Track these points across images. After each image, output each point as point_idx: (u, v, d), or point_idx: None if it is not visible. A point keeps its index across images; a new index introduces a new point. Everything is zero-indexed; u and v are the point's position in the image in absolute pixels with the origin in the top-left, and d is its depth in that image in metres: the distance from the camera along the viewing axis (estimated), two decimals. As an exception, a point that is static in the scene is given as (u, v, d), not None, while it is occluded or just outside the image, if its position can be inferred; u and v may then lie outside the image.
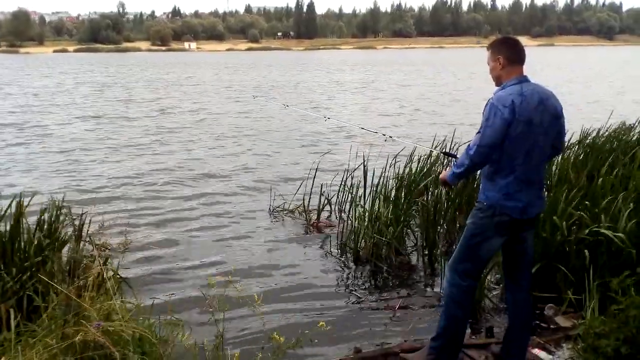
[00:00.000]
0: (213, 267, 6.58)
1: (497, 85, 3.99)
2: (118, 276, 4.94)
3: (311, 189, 8.48)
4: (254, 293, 4.73)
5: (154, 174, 11.56)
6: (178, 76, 45.49)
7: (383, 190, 7.41)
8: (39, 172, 11.77)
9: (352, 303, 5.72)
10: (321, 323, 3.88)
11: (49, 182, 10.79)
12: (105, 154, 13.68)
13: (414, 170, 8.10)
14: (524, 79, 3.90)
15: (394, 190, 7.30)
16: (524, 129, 3.75)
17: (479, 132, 3.85)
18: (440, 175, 4.25)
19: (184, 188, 10.49)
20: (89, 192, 10.08)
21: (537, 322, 5.03)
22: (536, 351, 4.44)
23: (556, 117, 3.90)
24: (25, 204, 5.13)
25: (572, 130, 9.30)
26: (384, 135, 6.57)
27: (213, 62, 73.42)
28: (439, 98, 27.23)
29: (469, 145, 3.91)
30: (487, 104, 3.83)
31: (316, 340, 4.69)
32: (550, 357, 4.39)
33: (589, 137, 9.42)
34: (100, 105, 24.34)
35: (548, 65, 53.75)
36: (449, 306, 4.16)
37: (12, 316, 3.44)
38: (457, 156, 4.43)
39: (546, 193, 6.09)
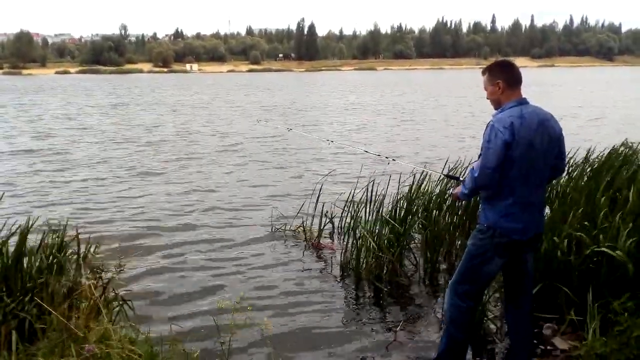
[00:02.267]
0: (213, 290, 6.55)
1: (495, 108, 4.01)
2: (118, 300, 4.93)
3: (314, 209, 8.48)
4: (255, 314, 4.72)
5: (156, 196, 11.59)
6: (178, 98, 45.66)
7: (384, 210, 7.41)
8: (43, 194, 11.77)
9: (353, 324, 5.69)
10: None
11: (52, 203, 10.80)
12: (108, 175, 13.70)
13: (414, 190, 8.10)
14: (524, 101, 3.93)
15: (395, 211, 7.30)
16: (524, 151, 3.77)
17: (479, 155, 3.87)
18: (454, 191, 4.31)
19: (184, 208, 10.49)
20: (91, 214, 10.08)
21: (537, 342, 5.00)
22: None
23: (556, 139, 3.92)
24: (29, 227, 5.13)
25: (576, 149, 9.38)
26: (387, 158, 6.61)
27: (215, 83, 73.71)
28: (451, 118, 27.32)
29: (472, 167, 3.93)
30: (487, 126, 3.86)
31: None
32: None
33: (592, 157, 9.42)
34: (106, 127, 24.44)
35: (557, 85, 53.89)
36: (450, 328, 4.15)
37: (14, 338, 3.43)
38: (460, 179, 4.45)
39: (548, 211, 6.10)
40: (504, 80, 3.95)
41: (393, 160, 6.59)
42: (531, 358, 4.41)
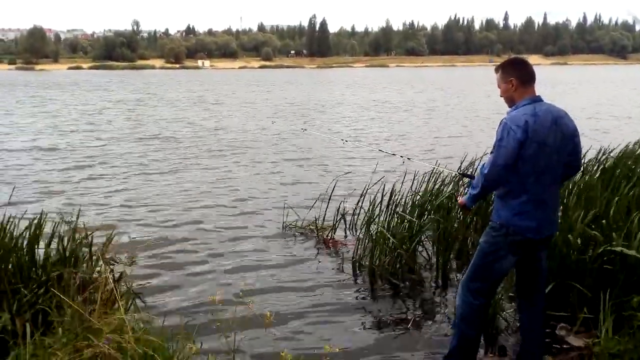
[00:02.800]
0: (225, 283, 6.57)
1: (509, 106, 3.99)
2: (131, 292, 4.95)
3: (327, 206, 8.47)
4: (266, 309, 4.73)
5: (168, 190, 11.64)
6: (197, 94, 45.80)
7: (398, 208, 7.41)
8: (57, 188, 11.85)
9: (365, 320, 5.69)
10: (326, 347, 3.88)
11: (64, 197, 10.87)
12: (121, 170, 13.78)
13: (429, 188, 8.10)
14: (538, 99, 3.90)
15: (409, 208, 7.28)
16: (537, 149, 3.74)
17: (492, 152, 3.85)
18: (459, 200, 4.24)
19: (197, 203, 10.53)
20: (104, 208, 10.14)
21: (549, 340, 4.99)
22: (550, 371, 4.40)
23: (570, 137, 3.89)
24: (42, 220, 5.17)
25: (594, 148, 9.33)
26: (402, 157, 6.60)
27: (228, 79, 73.80)
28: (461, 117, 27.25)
29: (483, 165, 3.92)
30: (500, 124, 3.84)
31: (327, 358, 4.68)
32: (564, 377, 4.34)
33: (609, 155, 9.35)
34: (122, 123, 24.59)
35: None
36: (461, 325, 4.15)
37: (28, 330, 3.46)
38: (475, 176, 4.43)
39: (562, 211, 6.08)
40: (517, 77, 3.93)
41: (408, 159, 6.58)
42: (543, 356, 4.39)
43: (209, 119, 26.28)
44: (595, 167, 8.74)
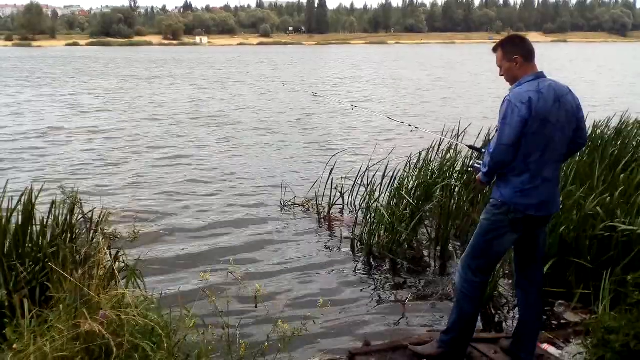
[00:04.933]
0: (223, 260, 6.57)
1: (511, 84, 3.93)
2: (129, 267, 4.95)
3: (326, 183, 8.44)
4: (262, 286, 4.73)
5: (167, 168, 11.62)
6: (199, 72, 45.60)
7: (398, 185, 7.39)
8: (52, 164, 11.84)
9: (363, 296, 5.71)
10: (321, 301, 3.90)
11: (61, 174, 10.85)
12: (121, 147, 13.77)
13: (432, 165, 8.06)
14: (541, 75, 3.85)
15: (410, 185, 7.24)
16: (540, 126, 3.71)
17: (496, 130, 3.82)
18: (477, 177, 4.16)
19: (196, 180, 10.52)
20: (102, 184, 10.13)
21: (546, 317, 5.02)
22: (545, 346, 4.42)
23: (573, 113, 3.85)
24: (36, 195, 5.15)
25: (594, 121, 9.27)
26: (410, 125, 6.47)
27: (231, 58, 73.34)
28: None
29: (489, 144, 3.88)
30: (503, 102, 3.77)
31: (326, 332, 4.71)
32: (559, 352, 4.37)
33: (607, 130, 9.34)
34: (125, 101, 24.52)
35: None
36: (461, 301, 4.15)
37: (26, 305, 3.46)
38: (483, 150, 4.39)
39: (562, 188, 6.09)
40: (520, 55, 3.88)
41: (417, 128, 6.46)
42: (540, 331, 4.41)
43: (212, 99, 26.20)
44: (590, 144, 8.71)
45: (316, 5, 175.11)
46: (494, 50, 4.01)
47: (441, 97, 25.47)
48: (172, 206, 8.90)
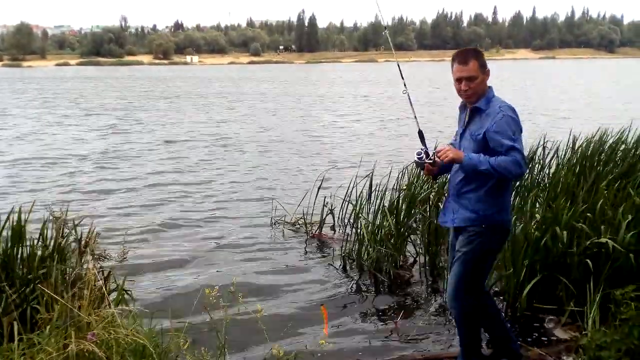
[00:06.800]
0: (214, 279, 6.55)
1: (475, 99, 3.83)
2: (120, 287, 4.93)
3: (314, 201, 8.44)
4: (256, 304, 4.72)
5: (156, 184, 11.64)
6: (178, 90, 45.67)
7: (386, 201, 7.40)
8: (39, 184, 11.80)
9: (353, 315, 5.71)
10: (322, 341, 3.89)
11: (50, 194, 10.81)
12: (108, 164, 13.75)
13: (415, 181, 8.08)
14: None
15: (396, 201, 7.27)
16: None
17: (508, 148, 3.63)
18: (451, 151, 3.75)
19: (185, 197, 10.53)
20: (91, 202, 10.12)
21: (537, 334, 5.03)
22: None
23: None
24: (25, 217, 5.11)
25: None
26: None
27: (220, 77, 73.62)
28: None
29: (514, 157, 3.62)
30: (501, 117, 3.68)
31: (318, 354, 4.70)
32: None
33: (589, 144, 9.36)
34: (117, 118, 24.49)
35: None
36: (469, 325, 4.08)
37: (15, 329, 3.45)
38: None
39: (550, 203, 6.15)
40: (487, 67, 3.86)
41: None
42: (531, 347, 4.42)
43: (200, 113, 26.21)
44: (577, 155, 8.74)
45: (306, 24, 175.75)
46: (464, 61, 3.79)
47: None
48: (161, 224, 8.88)
